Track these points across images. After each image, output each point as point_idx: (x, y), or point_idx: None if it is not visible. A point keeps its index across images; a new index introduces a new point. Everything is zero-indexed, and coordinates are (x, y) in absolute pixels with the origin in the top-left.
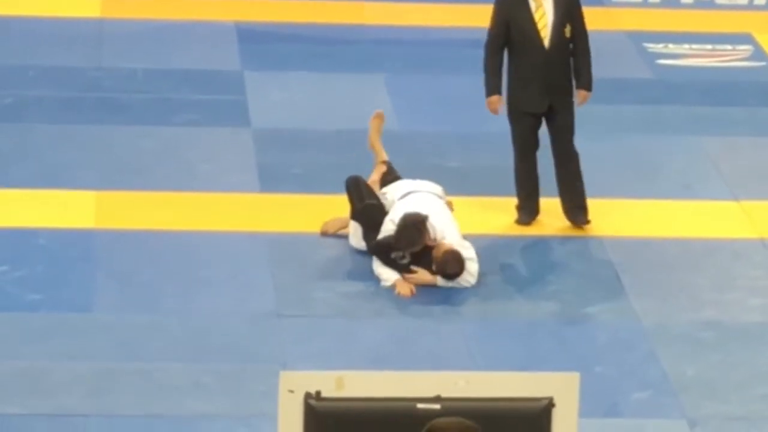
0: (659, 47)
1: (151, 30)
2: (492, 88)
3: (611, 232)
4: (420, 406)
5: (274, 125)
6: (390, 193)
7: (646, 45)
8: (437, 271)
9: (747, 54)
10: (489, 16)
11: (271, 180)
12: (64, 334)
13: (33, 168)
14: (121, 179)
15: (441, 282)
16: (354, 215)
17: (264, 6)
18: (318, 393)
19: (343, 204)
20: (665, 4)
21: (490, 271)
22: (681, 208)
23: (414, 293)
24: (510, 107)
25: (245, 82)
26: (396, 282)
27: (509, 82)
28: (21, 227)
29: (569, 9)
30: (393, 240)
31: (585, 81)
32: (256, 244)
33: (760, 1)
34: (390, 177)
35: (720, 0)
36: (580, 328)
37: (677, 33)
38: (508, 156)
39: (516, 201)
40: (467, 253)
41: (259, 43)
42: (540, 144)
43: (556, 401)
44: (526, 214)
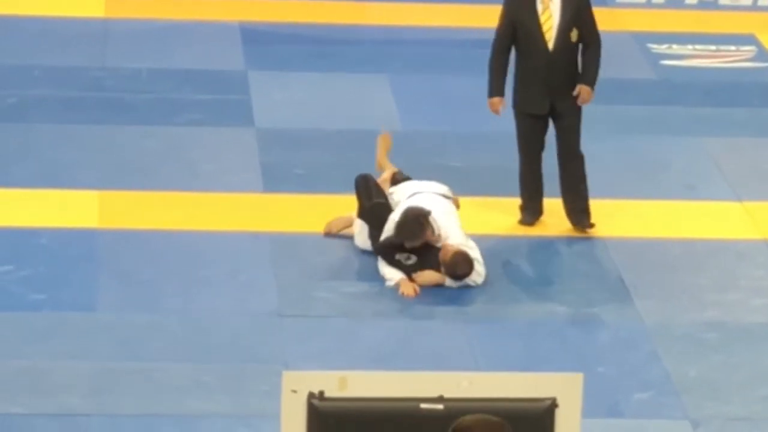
0: (663, 48)
1: (155, 30)
2: (494, 88)
3: (614, 232)
4: (423, 406)
5: (277, 125)
6: (397, 194)
7: (649, 46)
8: (447, 273)
9: (751, 55)
10: (491, 16)
11: (274, 180)
12: (66, 333)
13: (36, 167)
14: (125, 179)
15: (449, 282)
16: (361, 214)
17: (268, 6)
18: (321, 393)
19: (346, 204)
20: (669, 4)
21: (492, 272)
22: (684, 208)
23: (418, 293)
24: (514, 108)
25: (249, 81)
26: (400, 281)
27: (514, 82)
28: (24, 227)
29: (578, 13)
30: (394, 231)
31: (588, 77)
32: (258, 243)
33: (763, 2)
34: (400, 177)
35: (724, 1)
36: (582, 328)
37: (681, 34)
38: (510, 156)
39: (519, 201)
40: (473, 254)
41: (263, 43)
42: (546, 145)
43: (559, 402)
44: (529, 214)
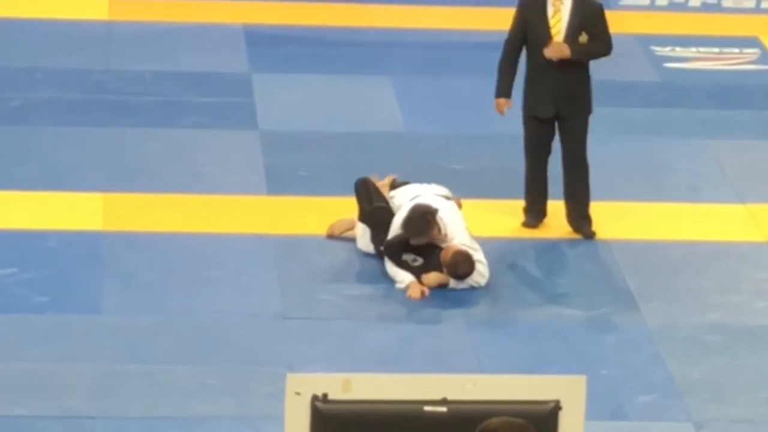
0: (666, 50)
1: (159, 32)
2: (500, 89)
3: (617, 234)
4: (427, 408)
5: (281, 127)
6: (398, 197)
7: (653, 48)
8: (448, 273)
9: (754, 57)
10: (494, 18)
11: (278, 182)
12: (70, 336)
13: (40, 170)
14: (128, 181)
15: (453, 283)
16: (362, 217)
17: (271, 9)
18: (325, 395)
19: (350, 206)
20: (672, 7)
21: (496, 274)
22: (687, 210)
23: (426, 295)
24: (522, 110)
25: (253, 84)
26: (410, 284)
27: (524, 84)
28: (28, 229)
29: (592, 20)
30: (401, 227)
31: (577, 46)
32: (262, 246)
33: (767, 5)
34: (399, 182)
35: (727, 3)
36: (586, 330)
37: (684, 36)
38: (513, 158)
39: (523, 203)
40: (477, 255)
41: (267, 46)
42: (552, 150)
43: (562, 404)
44: (532, 217)
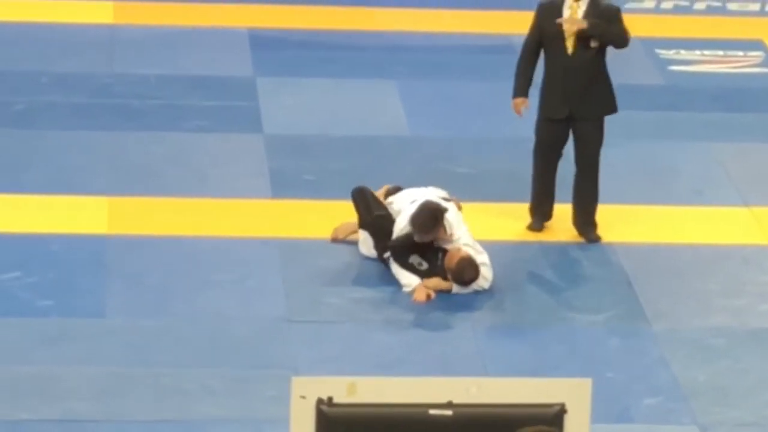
0: (671, 53)
1: (163, 36)
2: (517, 89)
3: (622, 238)
4: (432, 412)
5: (285, 131)
6: (396, 203)
7: (657, 51)
8: (453, 279)
9: (758, 60)
10: (499, 22)
11: (283, 186)
12: (74, 339)
13: (45, 174)
14: (133, 185)
15: (456, 289)
16: (363, 225)
17: (276, 12)
18: (330, 399)
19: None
20: (677, 10)
21: (501, 277)
22: (692, 214)
23: (432, 298)
24: (538, 112)
25: (257, 88)
26: (416, 287)
27: (540, 87)
28: (32, 233)
29: (606, 20)
30: (409, 222)
31: (597, 23)
32: (267, 249)
33: None
34: (393, 189)
35: (731, 6)
36: (591, 333)
37: (689, 39)
38: (518, 161)
39: (529, 204)
40: (481, 258)
41: (272, 49)
42: (563, 155)
43: (568, 407)
44: (535, 219)
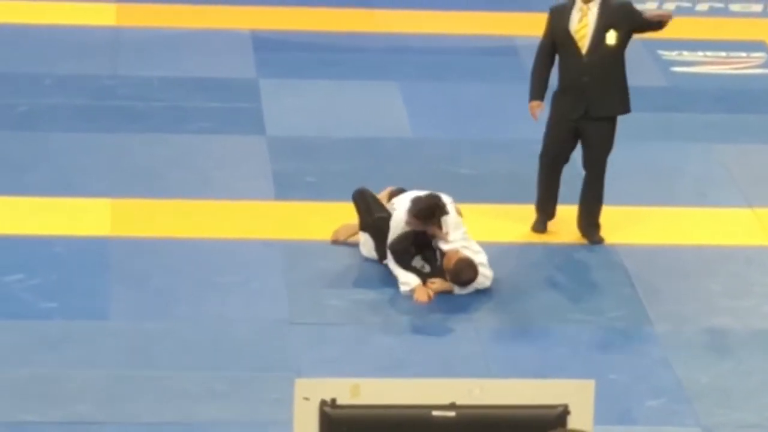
0: (673, 55)
1: (167, 38)
2: (533, 92)
3: (626, 239)
4: (435, 413)
5: (288, 133)
6: (398, 204)
7: (660, 52)
8: (452, 280)
9: (761, 61)
10: (501, 23)
11: (286, 187)
12: (78, 341)
13: (48, 176)
14: (136, 187)
15: (457, 290)
16: (364, 227)
17: (279, 14)
18: (333, 400)
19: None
20: (679, 11)
21: (503, 279)
22: (695, 215)
23: (431, 299)
24: (550, 110)
25: (260, 89)
26: (416, 287)
27: (555, 88)
28: (36, 235)
29: (620, 16)
30: (410, 203)
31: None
32: (270, 251)
33: None
34: (396, 190)
35: (734, 8)
36: (594, 335)
37: (691, 41)
38: (521, 163)
39: (535, 206)
40: (478, 258)
41: (274, 51)
42: (569, 160)
43: (571, 408)
44: (537, 222)
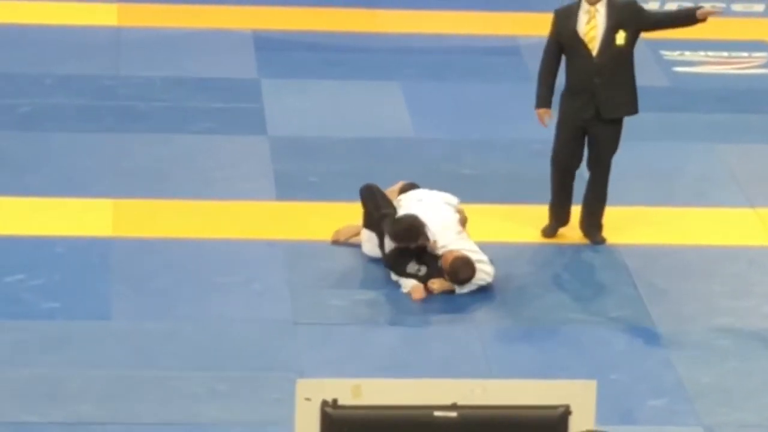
0: (675, 55)
1: (168, 38)
2: (541, 99)
3: (627, 239)
4: (437, 414)
5: (290, 133)
6: (404, 200)
7: (662, 53)
8: (450, 279)
9: (763, 61)
10: (504, 23)
11: (288, 188)
12: (80, 342)
13: (50, 176)
14: (138, 187)
15: (458, 289)
16: (369, 224)
17: (280, 14)
18: (335, 401)
19: (360, 212)
20: None
21: (505, 279)
22: (697, 215)
23: (423, 297)
24: (560, 113)
25: (262, 90)
26: (413, 287)
27: (564, 89)
28: (38, 235)
29: (629, 16)
30: (392, 239)
31: (682, 9)
32: (272, 251)
33: None
34: (408, 186)
35: (736, 8)
36: (596, 335)
37: (693, 40)
38: (523, 163)
39: (548, 211)
40: (476, 257)
41: (276, 52)
42: (581, 162)
43: (572, 409)
44: (549, 227)
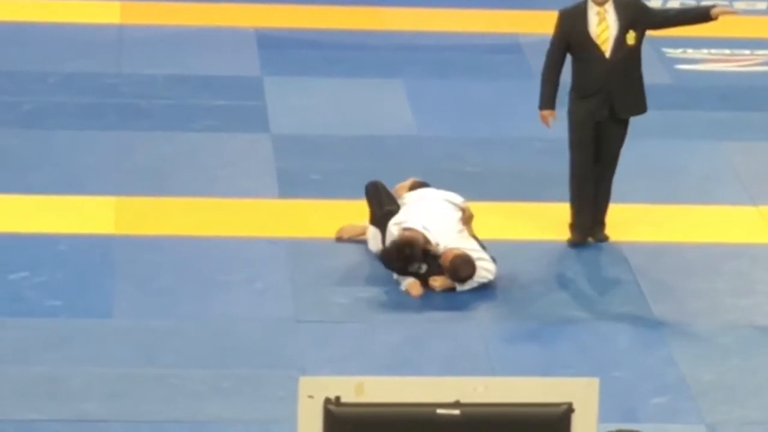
0: (678, 52)
1: (171, 36)
2: (545, 101)
3: (630, 237)
4: (439, 411)
5: (293, 131)
6: (408, 198)
7: (665, 50)
8: (451, 278)
9: (765, 59)
10: (506, 21)
11: (290, 185)
12: (83, 339)
13: (53, 174)
14: (141, 185)
15: (459, 287)
16: (374, 221)
17: (283, 12)
18: (337, 398)
19: (362, 209)
20: None
21: (508, 276)
22: (699, 212)
23: (422, 292)
24: (571, 115)
25: (264, 87)
26: (411, 283)
27: (572, 91)
28: (41, 233)
29: (636, 14)
30: (386, 267)
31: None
32: (274, 249)
33: None
34: (419, 184)
35: (738, 5)
36: (598, 333)
37: (696, 38)
38: (526, 161)
39: (570, 218)
40: (477, 255)
41: (279, 49)
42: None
43: (575, 406)
44: (578, 232)
